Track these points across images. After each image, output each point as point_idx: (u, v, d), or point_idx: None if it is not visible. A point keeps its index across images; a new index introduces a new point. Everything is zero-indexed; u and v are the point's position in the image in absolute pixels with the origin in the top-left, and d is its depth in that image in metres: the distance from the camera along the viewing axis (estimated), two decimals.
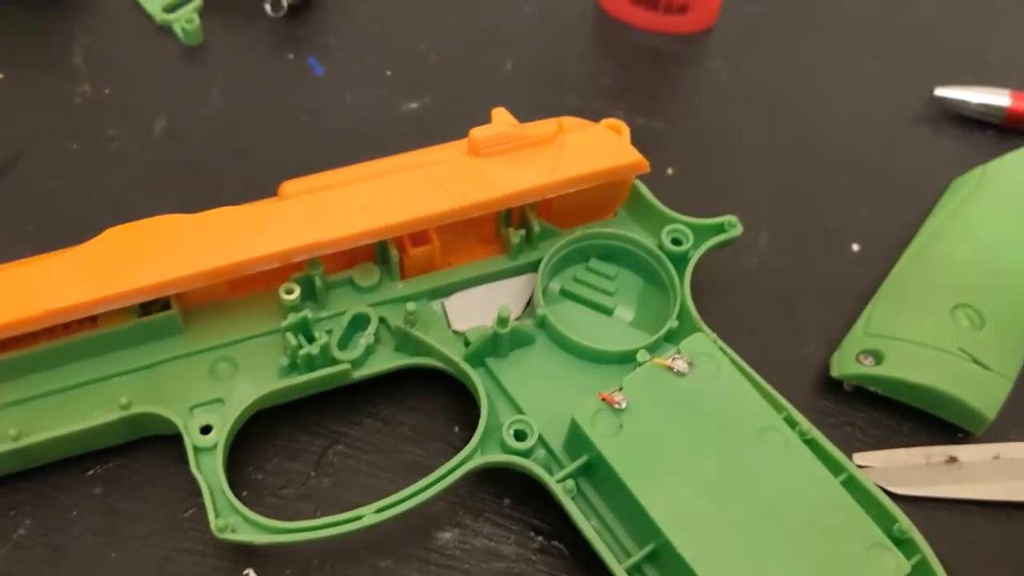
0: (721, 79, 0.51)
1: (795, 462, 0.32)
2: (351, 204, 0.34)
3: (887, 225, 0.45)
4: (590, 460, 0.33)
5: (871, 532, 0.31)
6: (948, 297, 0.40)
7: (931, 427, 0.39)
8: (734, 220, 0.39)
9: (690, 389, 0.33)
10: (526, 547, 0.35)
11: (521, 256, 0.38)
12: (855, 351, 0.39)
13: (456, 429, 0.38)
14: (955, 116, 0.50)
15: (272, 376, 0.35)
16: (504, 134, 0.36)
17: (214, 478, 0.32)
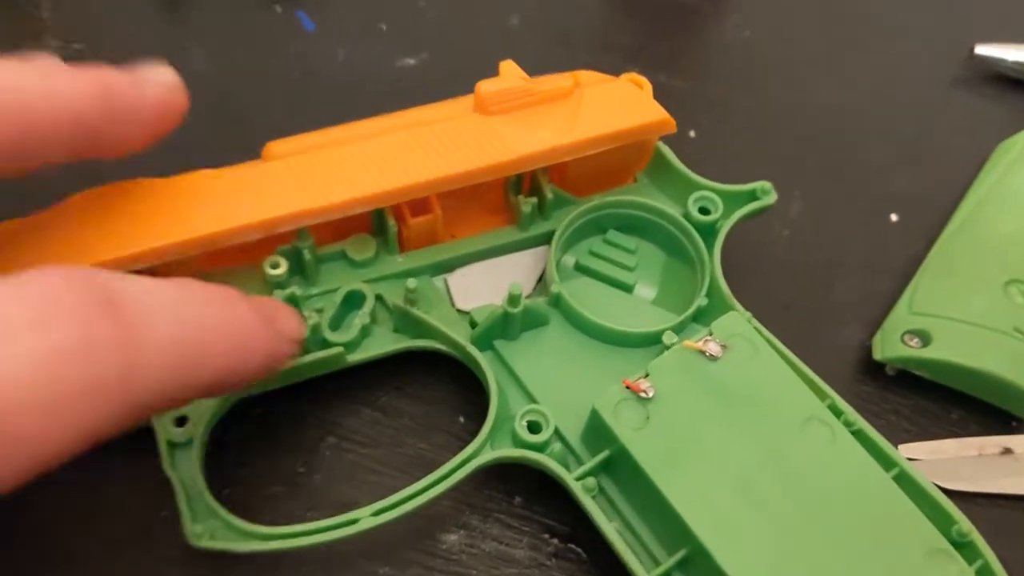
0: (745, 35, 0.48)
1: (844, 457, 0.29)
2: (343, 167, 0.31)
3: (927, 193, 0.42)
4: (612, 455, 0.30)
5: (930, 536, 0.28)
6: (999, 272, 0.37)
7: (983, 415, 0.36)
8: (768, 186, 0.35)
9: (724, 375, 0.30)
10: (540, 551, 0.32)
11: (532, 227, 0.35)
12: (900, 331, 0.36)
13: (462, 419, 0.35)
14: (997, 76, 0.47)
15: None
16: (515, 88, 0.32)
17: (190, 478, 0.29)
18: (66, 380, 0.18)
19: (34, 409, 0.18)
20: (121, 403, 0.19)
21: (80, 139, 0.25)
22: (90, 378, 0.18)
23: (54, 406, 0.18)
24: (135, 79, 0.26)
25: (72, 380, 0.18)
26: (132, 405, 0.20)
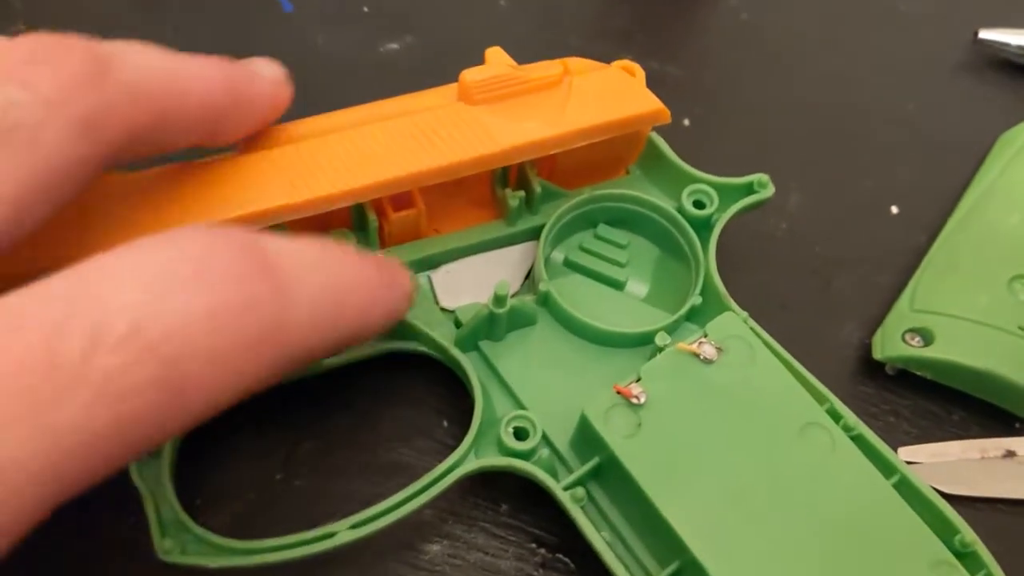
0: (742, 19, 0.46)
1: (843, 466, 0.28)
2: (322, 160, 0.29)
3: (929, 185, 0.41)
4: (602, 463, 0.29)
5: (933, 547, 0.27)
6: (1003, 267, 0.36)
7: (984, 416, 0.35)
8: (765, 179, 0.34)
9: (720, 379, 0.29)
10: (527, 561, 0.31)
11: (520, 222, 0.33)
12: (901, 329, 0.35)
13: (445, 423, 0.33)
14: (1001, 62, 0.46)
15: None
16: (501, 76, 0.31)
17: (159, 488, 0.28)
18: (228, 333, 0.19)
19: (199, 360, 0.19)
20: (273, 357, 0.21)
21: (205, 126, 0.26)
22: (248, 332, 0.20)
23: (217, 358, 0.19)
24: (251, 71, 0.28)
25: (233, 333, 0.19)
26: (281, 359, 0.21)
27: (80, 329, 0.18)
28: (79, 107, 0.22)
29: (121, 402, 0.18)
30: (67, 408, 0.17)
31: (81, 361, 0.17)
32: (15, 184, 0.21)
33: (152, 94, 0.24)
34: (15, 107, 0.21)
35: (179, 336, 0.18)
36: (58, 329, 0.17)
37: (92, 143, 0.23)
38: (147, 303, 0.18)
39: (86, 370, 0.17)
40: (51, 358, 0.17)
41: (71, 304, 0.18)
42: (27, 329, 0.17)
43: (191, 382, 0.19)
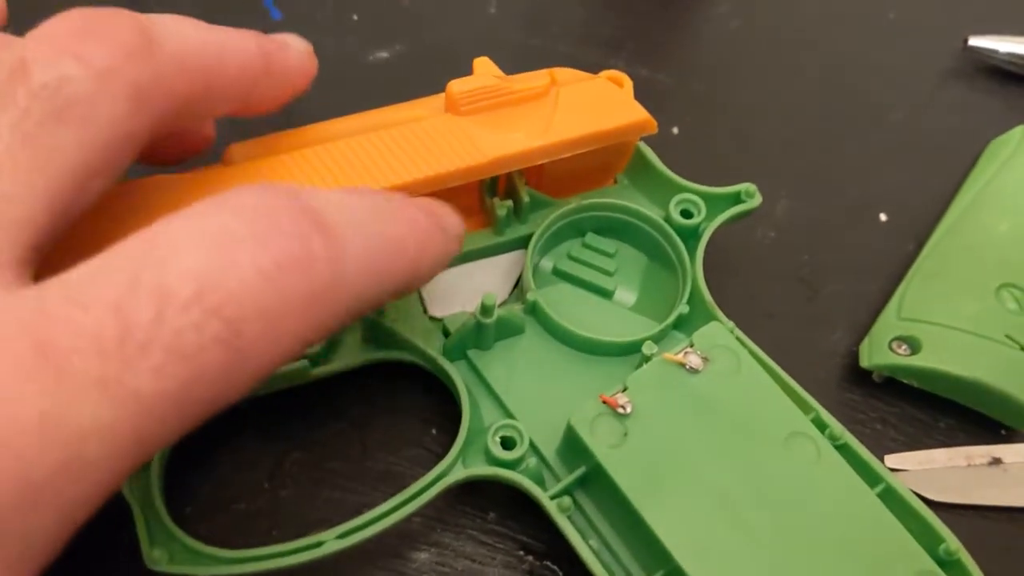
0: (732, 27, 0.46)
1: (829, 475, 0.28)
2: (310, 171, 0.29)
3: (918, 192, 0.41)
4: (589, 472, 0.29)
5: (917, 556, 0.27)
6: (991, 275, 0.36)
7: (971, 424, 0.35)
8: (752, 189, 0.34)
9: (705, 389, 0.29)
10: (515, 568, 0.31)
11: (508, 231, 0.33)
12: (888, 338, 0.35)
13: (434, 431, 0.33)
14: (991, 68, 0.46)
15: None
16: (488, 88, 0.31)
17: (147, 497, 0.28)
18: (285, 290, 0.19)
19: (259, 317, 0.19)
20: (329, 312, 0.21)
21: (241, 95, 0.27)
22: (305, 288, 0.20)
23: (276, 314, 0.19)
24: (282, 41, 0.28)
25: (290, 290, 0.20)
26: (337, 313, 0.21)
27: (147, 295, 0.18)
28: (129, 79, 0.22)
29: (190, 362, 0.18)
30: (141, 372, 0.18)
31: (151, 325, 0.18)
32: (74, 159, 0.21)
33: (195, 64, 0.24)
34: (70, 82, 0.21)
35: (239, 296, 0.19)
36: (127, 297, 0.18)
37: (142, 115, 0.23)
38: (208, 265, 0.19)
39: (156, 334, 0.18)
40: (122, 325, 0.18)
41: (137, 272, 0.18)
42: (97, 300, 0.18)
43: (253, 341, 0.19)
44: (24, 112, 0.20)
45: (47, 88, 0.21)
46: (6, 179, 0.20)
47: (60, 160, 0.21)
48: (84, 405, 0.17)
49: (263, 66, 0.27)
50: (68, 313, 0.18)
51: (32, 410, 0.17)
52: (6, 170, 0.20)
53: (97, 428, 0.17)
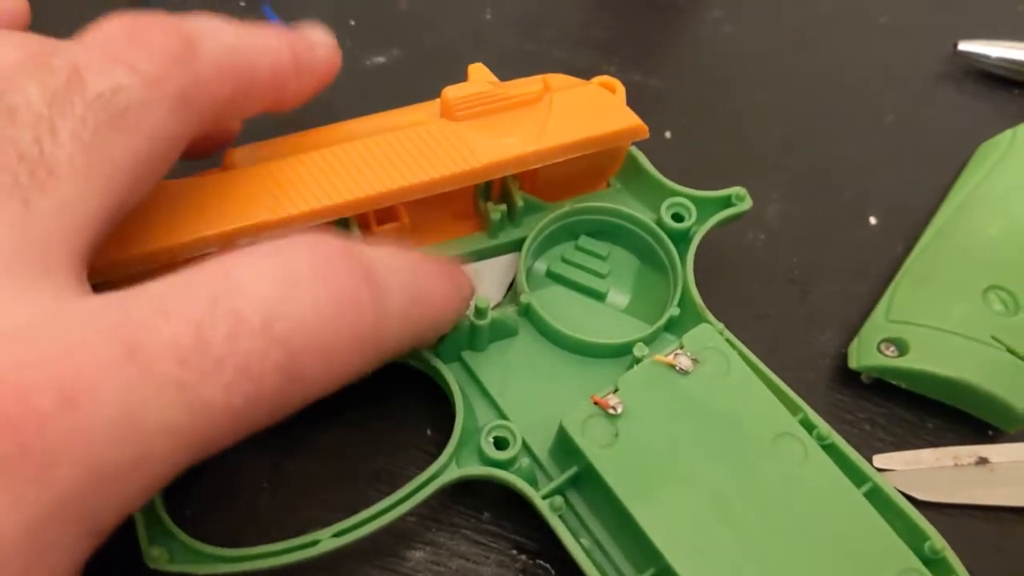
0: (724, 31, 0.47)
1: (815, 474, 0.29)
2: (307, 175, 0.30)
3: (908, 195, 0.42)
4: (580, 472, 0.29)
5: (902, 555, 0.28)
6: (979, 278, 0.36)
7: (959, 424, 0.36)
8: (743, 192, 0.34)
9: (695, 390, 0.30)
10: (508, 567, 0.31)
11: (502, 234, 0.34)
12: (876, 340, 0.35)
13: (429, 432, 0.34)
14: (981, 73, 0.46)
15: None
16: (482, 94, 0.31)
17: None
18: (338, 329, 0.21)
19: (315, 351, 0.21)
20: (372, 351, 0.23)
21: (273, 93, 0.28)
22: (354, 329, 0.22)
23: (328, 350, 0.21)
24: (308, 38, 0.29)
25: (342, 330, 0.21)
26: (378, 354, 0.23)
27: (224, 317, 0.19)
28: (175, 86, 0.23)
29: (253, 383, 0.20)
30: (212, 386, 0.19)
31: (224, 345, 0.19)
32: (126, 164, 0.22)
33: (232, 69, 0.25)
34: (122, 91, 0.22)
35: (301, 330, 0.20)
36: (206, 316, 0.19)
37: (186, 119, 0.24)
38: (276, 299, 0.20)
39: (229, 353, 0.19)
40: (201, 341, 0.19)
41: (215, 296, 0.20)
42: (179, 315, 0.19)
43: (306, 371, 0.21)
44: (81, 121, 0.21)
45: (102, 98, 0.22)
46: (68, 186, 0.21)
47: (114, 166, 0.22)
48: (162, 406, 0.19)
49: (294, 67, 0.28)
50: (153, 322, 0.19)
51: (118, 403, 0.18)
52: (67, 177, 0.21)
53: (168, 429, 0.19)
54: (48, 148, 0.21)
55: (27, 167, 0.20)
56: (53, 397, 0.17)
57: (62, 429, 0.17)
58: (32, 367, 0.18)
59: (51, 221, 0.20)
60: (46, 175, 0.20)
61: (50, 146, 0.21)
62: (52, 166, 0.21)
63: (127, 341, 0.18)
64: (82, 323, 0.19)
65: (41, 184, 0.20)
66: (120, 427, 0.18)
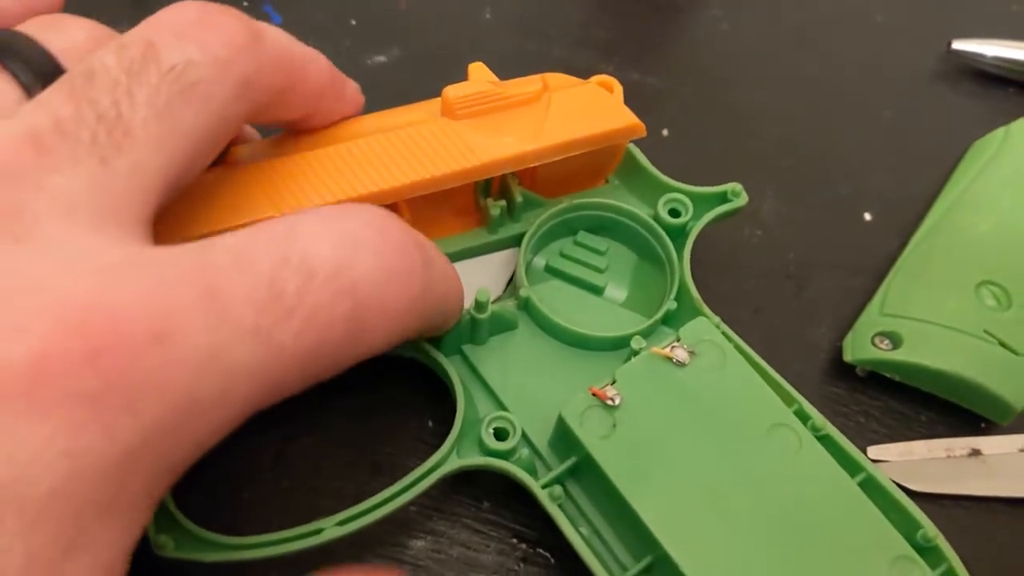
0: (722, 30, 0.47)
1: (809, 464, 0.29)
2: (310, 173, 0.30)
3: (902, 192, 0.42)
4: (579, 462, 0.30)
5: (895, 543, 0.28)
6: (971, 273, 0.37)
7: (952, 416, 0.36)
8: (739, 188, 0.35)
9: (691, 382, 0.30)
10: (508, 556, 0.32)
11: (502, 229, 0.34)
12: (870, 333, 0.36)
13: (430, 423, 0.34)
14: (974, 72, 0.47)
15: None
16: (482, 93, 0.32)
17: None
18: (394, 290, 0.23)
19: (374, 306, 0.22)
20: (415, 317, 0.24)
21: (309, 106, 0.29)
22: (409, 291, 0.23)
23: (386, 307, 0.23)
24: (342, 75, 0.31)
25: (399, 290, 0.23)
26: (419, 321, 0.25)
27: (295, 269, 0.21)
28: (240, 69, 0.24)
29: (320, 331, 0.21)
30: (286, 330, 0.21)
31: (296, 294, 0.21)
32: (192, 135, 0.23)
33: (287, 66, 0.27)
34: (194, 66, 0.23)
35: (363, 285, 0.22)
36: (279, 267, 0.21)
37: (245, 102, 0.25)
38: (345, 255, 0.22)
39: (299, 301, 0.21)
40: (275, 289, 0.21)
41: (285, 250, 0.21)
42: (252, 265, 0.21)
43: (367, 325, 0.22)
44: (155, 89, 0.22)
45: (175, 70, 0.23)
46: (142, 149, 0.22)
47: (182, 136, 0.23)
48: (241, 347, 0.20)
49: (331, 84, 0.30)
50: (231, 270, 0.20)
51: (202, 341, 0.19)
52: (141, 140, 0.22)
53: (247, 370, 0.20)
54: (125, 111, 0.22)
55: (105, 127, 0.21)
56: (143, 333, 0.18)
57: (152, 363, 0.18)
58: (123, 304, 0.19)
59: (126, 180, 0.21)
60: (122, 136, 0.21)
61: (127, 110, 0.22)
62: (128, 128, 0.22)
63: (207, 285, 0.20)
64: (165, 267, 0.20)
65: (118, 144, 0.21)
66: (204, 364, 0.19)
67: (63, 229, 0.20)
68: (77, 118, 0.21)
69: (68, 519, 0.17)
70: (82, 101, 0.21)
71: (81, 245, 0.20)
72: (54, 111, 0.21)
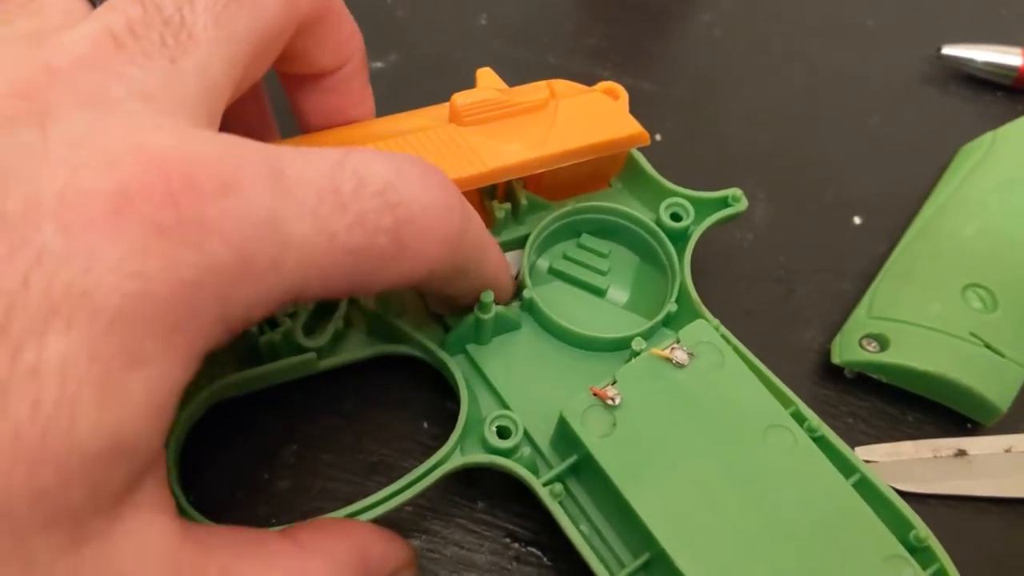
0: (714, 35, 0.48)
1: (804, 464, 0.30)
2: None
3: (891, 196, 0.43)
4: (579, 460, 0.30)
5: (887, 542, 0.29)
6: (958, 276, 0.38)
7: (938, 417, 0.37)
8: (738, 194, 0.36)
9: (690, 383, 0.31)
10: (501, 555, 0.32)
11: (506, 232, 0.35)
12: (858, 336, 0.37)
13: (425, 425, 0.35)
14: (963, 77, 0.48)
15: (230, 365, 0.31)
16: (489, 100, 0.32)
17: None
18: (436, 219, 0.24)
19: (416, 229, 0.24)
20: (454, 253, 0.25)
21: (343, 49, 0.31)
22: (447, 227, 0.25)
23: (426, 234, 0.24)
24: None
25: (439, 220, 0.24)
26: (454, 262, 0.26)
27: (351, 175, 0.23)
28: None
29: (367, 235, 0.23)
30: (339, 221, 0.22)
31: (351, 195, 0.22)
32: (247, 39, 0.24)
33: None
34: None
35: (408, 205, 0.23)
36: (337, 170, 0.22)
37: (291, 17, 0.26)
38: (393, 177, 0.23)
39: (352, 202, 0.22)
40: (332, 186, 0.22)
41: (344, 158, 0.23)
42: (314, 164, 0.22)
43: (407, 244, 0.24)
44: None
45: None
46: (205, 50, 0.23)
47: (239, 39, 0.24)
48: (299, 222, 0.21)
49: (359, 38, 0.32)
50: (297, 159, 0.22)
51: (265, 203, 0.21)
52: (203, 42, 0.23)
53: (299, 243, 0.21)
54: (187, 16, 0.23)
55: (171, 30, 0.23)
56: (213, 183, 0.20)
57: (218, 209, 0.20)
58: (199, 157, 0.20)
59: (194, 79, 0.23)
60: (187, 38, 0.23)
61: (189, 14, 0.23)
62: (192, 31, 0.23)
63: (274, 165, 0.21)
64: (238, 143, 0.22)
65: (184, 46, 0.23)
66: (263, 224, 0.21)
67: (144, 108, 0.21)
68: (146, 20, 0.22)
69: (133, 335, 0.19)
70: (148, 5, 0.23)
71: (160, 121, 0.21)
72: (125, 13, 0.22)
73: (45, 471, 0.18)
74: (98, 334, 0.18)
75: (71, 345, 0.18)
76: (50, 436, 0.18)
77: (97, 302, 0.18)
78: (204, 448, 0.33)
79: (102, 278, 0.18)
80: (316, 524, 0.27)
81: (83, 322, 0.18)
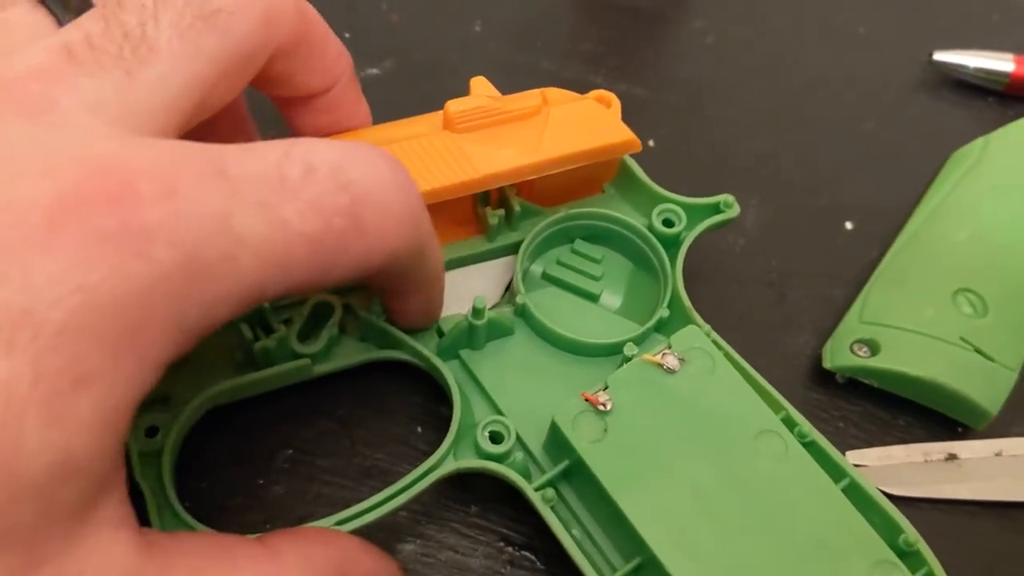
0: (707, 41, 0.48)
1: (795, 469, 0.30)
2: None
3: (882, 201, 0.43)
4: (571, 465, 0.30)
5: (876, 547, 0.29)
6: (949, 281, 0.38)
7: (929, 422, 0.37)
8: (730, 200, 0.36)
9: (681, 388, 0.31)
10: (495, 559, 0.33)
11: (500, 238, 0.35)
12: (849, 340, 0.37)
13: (419, 430, 0.35)
14: (955, 82, 0.48)
15: (225, 371, 0.32)
16: (483, 108, 0.32)
17: (159, 487, 0.29)
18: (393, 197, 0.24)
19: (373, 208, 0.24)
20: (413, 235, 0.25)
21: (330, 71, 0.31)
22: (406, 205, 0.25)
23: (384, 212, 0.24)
24: None
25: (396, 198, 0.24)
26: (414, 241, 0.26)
27: (298, 162, 0.22)
28: (264, 5, 0.26)
29: (323, 218, 0.22)
30: (289, 209, 0.22)
31: (300, 181, 0.22)
32: (213, 59, 0.24)
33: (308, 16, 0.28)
34: None
35: (361, 184, 0.23)
36: (283, 159, 0.22)
37: (266, 39, 0.26)
38: (342, 160, 0.23)
39: (302, 188, 0.22)
40: (279, 174, 0.22)
41: (290, 147, 0.23)
42: (261, 155, 0.22)
43: (367, 225, 0.23)
44: (179, 13, 0.24)
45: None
46: (165, 63, 0.23)
47: (203, 58, 0.24)
48: (248, 216, 0.21)
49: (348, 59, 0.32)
50: (239, 158, 0.22)
51: (210, 202, 0.21)
52: (165, 55, 0.23)
53: (252, 240, 0.21)
54: (150, 31, 0.23)
55: (131, 44, 0.23)
56: (154, 186, 0.20)
57: (161, 212, 0.20)
58: (139, 164, 0.20)
59: (148, 91, 0.23)
60: (147, 52, 0.23)
61: (152, 30, 0.23)
62: (153, 46, 0.23)
63: (218, 164, 0.21)
64: (179, 147, 0.22)
65: (143, 59, 0.23)
66: (211, 223, 0.20)
67: (90, 118, 0.21)
68: (105, 34, 0.23)
69: (78, 351, 0.18)
70: (111, 21, 0.23)
71: (105, 130, 0.21)
72: (85, 29, 0.23)
73: None
74: (41, 352, 0.18)
75: (13, 367, 0.18)
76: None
77: (38, 319, 0.18)
78: (199, 454, 0.33)
79: (42, 293, 0.18)
80: (296, 531, 0.26)
81: (24, 341, 0.18)
